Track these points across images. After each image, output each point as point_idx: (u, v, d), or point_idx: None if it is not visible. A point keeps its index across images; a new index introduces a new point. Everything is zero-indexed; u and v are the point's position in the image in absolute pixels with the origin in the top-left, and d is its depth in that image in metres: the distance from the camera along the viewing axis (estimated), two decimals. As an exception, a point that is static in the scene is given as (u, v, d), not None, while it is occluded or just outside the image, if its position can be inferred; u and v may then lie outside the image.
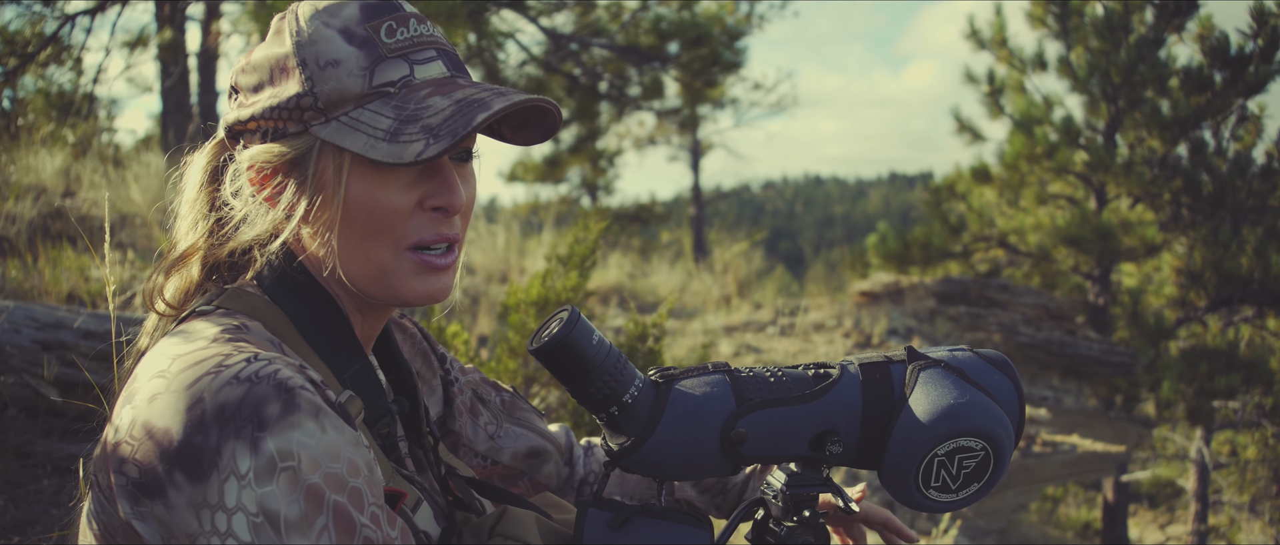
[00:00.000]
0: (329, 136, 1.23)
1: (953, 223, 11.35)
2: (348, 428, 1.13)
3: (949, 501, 1.35)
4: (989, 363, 1.40)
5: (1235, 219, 9.97)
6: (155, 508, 1.07)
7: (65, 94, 8.61)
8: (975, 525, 7.61)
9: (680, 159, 22.41)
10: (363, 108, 1.23)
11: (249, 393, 1.07)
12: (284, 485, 1.05)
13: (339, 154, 1.24)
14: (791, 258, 42.43)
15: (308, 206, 1.26)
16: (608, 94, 11.02)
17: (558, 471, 1.78)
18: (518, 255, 10.28)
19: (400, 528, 1.15)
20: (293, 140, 1.25)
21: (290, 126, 1.25)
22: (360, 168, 1.24)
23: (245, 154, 1.29)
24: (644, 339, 4.21)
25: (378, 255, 1.28)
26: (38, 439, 3.25)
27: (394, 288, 1.30)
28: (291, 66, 1.24)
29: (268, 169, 1.27)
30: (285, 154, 1.25)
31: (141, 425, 1.09)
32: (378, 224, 1.26)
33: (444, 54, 1.30)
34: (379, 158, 1.18)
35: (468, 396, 1.70)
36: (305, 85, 1.23)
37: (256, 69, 1.28)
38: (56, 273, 4.53)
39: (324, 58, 1.24)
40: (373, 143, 1.20)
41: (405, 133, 1.20)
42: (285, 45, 1.26)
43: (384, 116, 1.22)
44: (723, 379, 1.34)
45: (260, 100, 1.27)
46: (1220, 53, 9.94)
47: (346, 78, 1.23)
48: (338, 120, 1.23)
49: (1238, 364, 9.50)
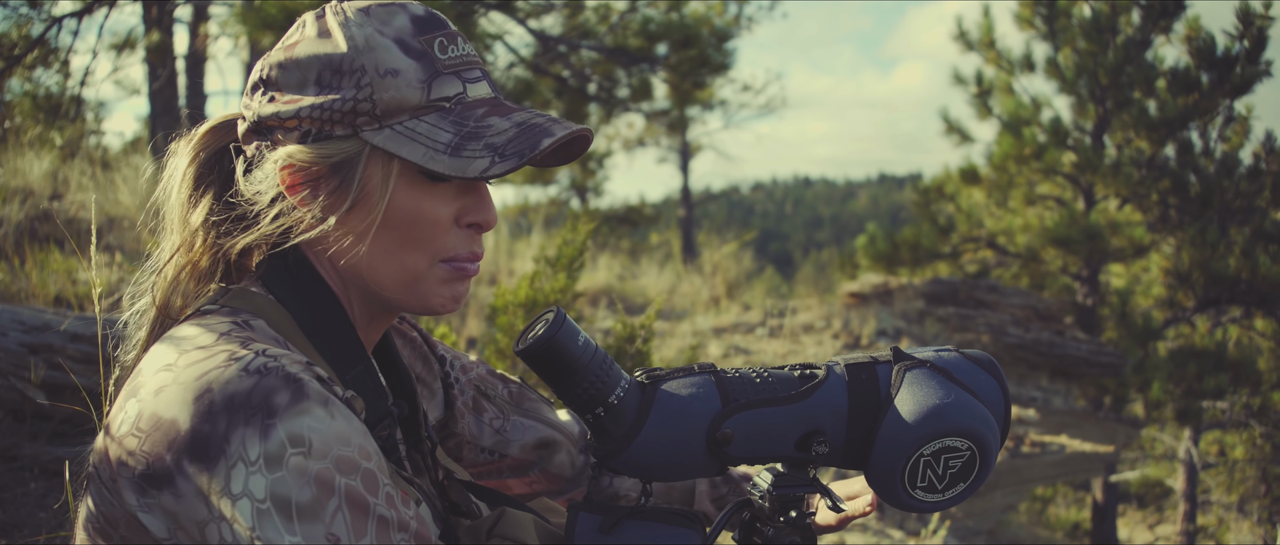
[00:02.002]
0: (382, 143, 1.23)
1: (941, 224, 11.36)
2: (355, 417, 1.14)
3: (935, 502, 1.35)
4: (974, 363, 1.40)
5: (1223, 219, 10.01)
6: (163, 497, 1.08)
7: (52, 96, 8.58)
8: (964, 526, 7.62)
9: (669, 161, 22.46)
10: (418, 119, 1.24)
11: (258, 384, 1.08)
12: (294, 471, 1.05)
13: (387, 162, 1.25)
14: (781, 259, 42.44)
15: (348, 210, 1.26)
16: (596, 96, 11.01)
17: (571, 461, 1.78)
18: (506, 257, 10.27)
19: (415, 507, 1.15)
20: (338, 143, 1.25)
21: (338, 130, 1.25)
22: (407, 178, 1.25)
23: (281, 151, 1.27)
24: (633, 340, 4.21)
25: (414, 264, 1.29)
26: (25, 442, 3.23)
27: (423, 295, 1.31)
28: (347, 69, 1.24)
29: (308, 169, 1.27)
30: (330, 156, 1.25)
31: (148, 417, 1.10)
32: (418, 234, 1.28)
33: (487, 75, 1.33)
34: (440, 169, 1.20)
35: (469, 395, 1.70)
36: (365, 91, 1.23)
37: (301, 67, 1.26)
38: (44, 275, 4.51)
39: (383, 66, 1.24)
40: (433, 155, 1.21)
41: (468, 148, 1.21)
42: (340, 47, 1.25)
43: (443, 130, 1.23)
44: (708, 380, 1.34)
45: (305, 99, 1.26)
46: (1207, 54, 9.98)
47: (406, 88, 1.24)
48: (391, 129, 1.24)
49: (1226, 364, 9.53)
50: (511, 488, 1.77)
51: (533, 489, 1.77)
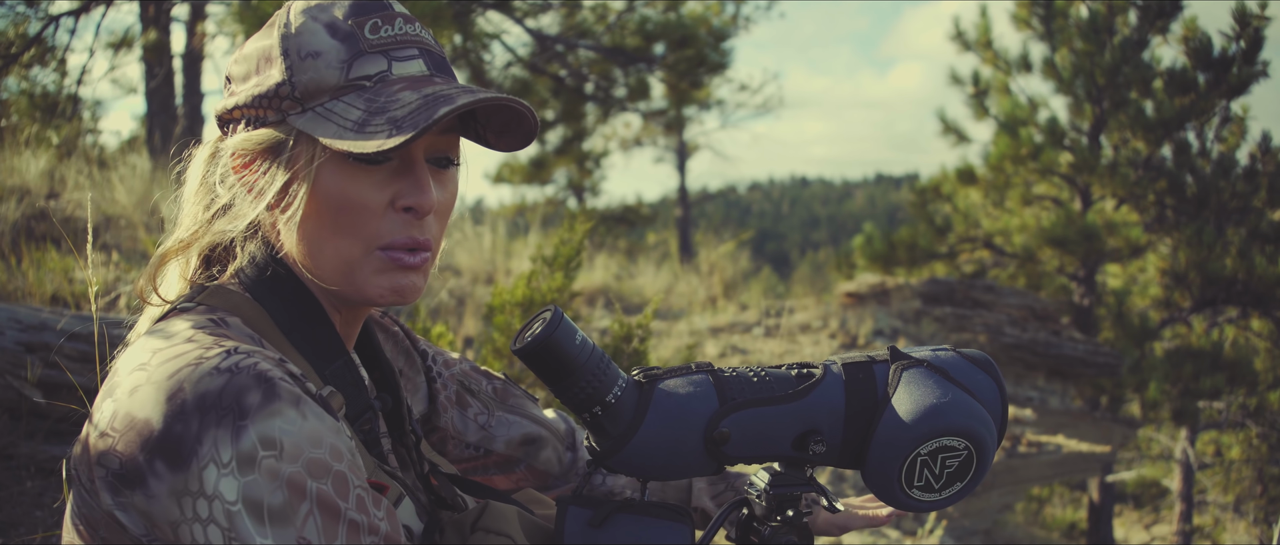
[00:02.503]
0: (303, 126, 1.24)
1: (938, 224, 11.37)
2: (329, 416, 1.13)
3: (932, 501, 1.35)
4: (971, 362, 1.40)
5: (1219, 220, 10.02)
6: (136, 497, 1.07)
7: (49, 95, 8.56)
8: (961, 525, 7.62)
9: (666, 160, 22.44)
10: (338, 99, 1.24)
11: (229, 383, 1.07)
12: (266, 473, 1.05)
13: (312, 145, 1.24)
14: (777, 259, 42.46)
15: (277, 194, 1.27)
16: (594, 95, 11.01)
17: (558, 457, 1.78)
18: (504, 256, 10.26)
19: (386, 508, 1.15)
20: (272, 128, 1.27)
21: (270, 115, 1.27)
22: (334, 161, 1.25)
23: (229, 141, 1.30)
24: (630, 340, 4.21)
25: (347, 251, 1.27)
26: (21, 441, 3.23)
27: (359, 285, 1.29)
28: (275, 56, 1.26)
29: (247, 156, 1.29)
30: (264, 141, 1.27)
31: (123, 417, 1.10)
32: (347, 220, 1.26)
33: (427, 54, 1.31)
34: (343, 147, 1.19)
35: (453, 390, 1.70)
36: (285, 74, 1.25)
37: (246, 59, 1.30)
38: (40, 274, 4.51)
39: (305, 49, 1.25)
40: (341, 133, 1.20)
41: (371, 124, 1.20)
42: (272, 36, 1.28)
43: (355, 108, 1.23)
44: (706, 379, 1.34)
45: (246, 89, 1.29)
46: (1203, 54, 9.99)
47: (325, 69, 1.24)
48: (313, 111, 1.24)
49: (1222, 364, 9.54)
50: (497, 483, 1.77)
51: (518, 485, 1.77)
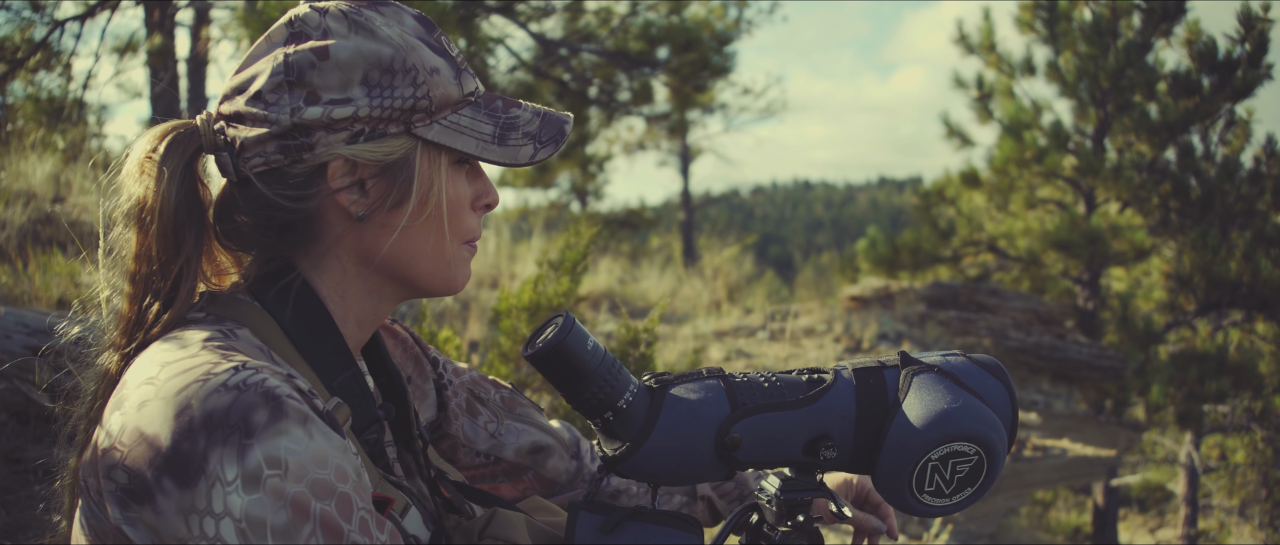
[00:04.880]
0: (435, 137, 1.28)
1: (942, 227, 11.36)
2: (335, 434, 1.13)
3: (943, 506, 1.35)
4: (982, 367, 1.40)
5: (1224, 223, 10.00)
6: (144, 513, 1.07)
7: (55, 100, 8.57)
8: (966, 529, 7.62)
9: (670, 164, 22.44)
10: (458, 113, 1.30)
11: (237, 400, 1.07)
12: (270, 493, 1.05)
13: (434, 155, 1.30)
14: (781, 262, 42.40)
15: (396, 204, 1.29)
16: (597, 99, 11.00)
17: (565, 466, 1.79)
18: (508, 261, 10.27)
19: (389, 531, 1.15)
20: (393, 140, 1.27)
21: (392, 128, 1.27)
22: (448, 169, 1.32)
23: (333, 151, 1.25)
24: (635, 344, 4.21)
25: (448, 248, 1.35)
26: (29, 445, 3.24)
27: (451, 277, 1.37)
28: (399, 68, 1.26)
29: (361, 168, 1.28)
30: (390, 153, 1.28)
31: (130, 431, 1.09)
32: (455, 220, 1.34)
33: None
34: (493, 159, 1.29)
35: (463, 397, 1.70)
36: (422, 89, 1.27)
37: (342, 67, 1.24)
38: (47, 278, 4.51)
39: (427, 64, 1.27)
40: (484, 146, 1.29)
41: (511, 138, 1.31)
42: (383, 47, 1.25)
43: (483, 122, 1.31)
44: (717, 384, 1.34)
45: (356, 99, 1.24)
46: (1208, 57, 9.97)
47: (448, 84, 1.29)
48: (439, 124, 1.29)
49: (1227, 368, 9.52)
50: (503, 492, 1.77)
51: (524, 493, 1.78)
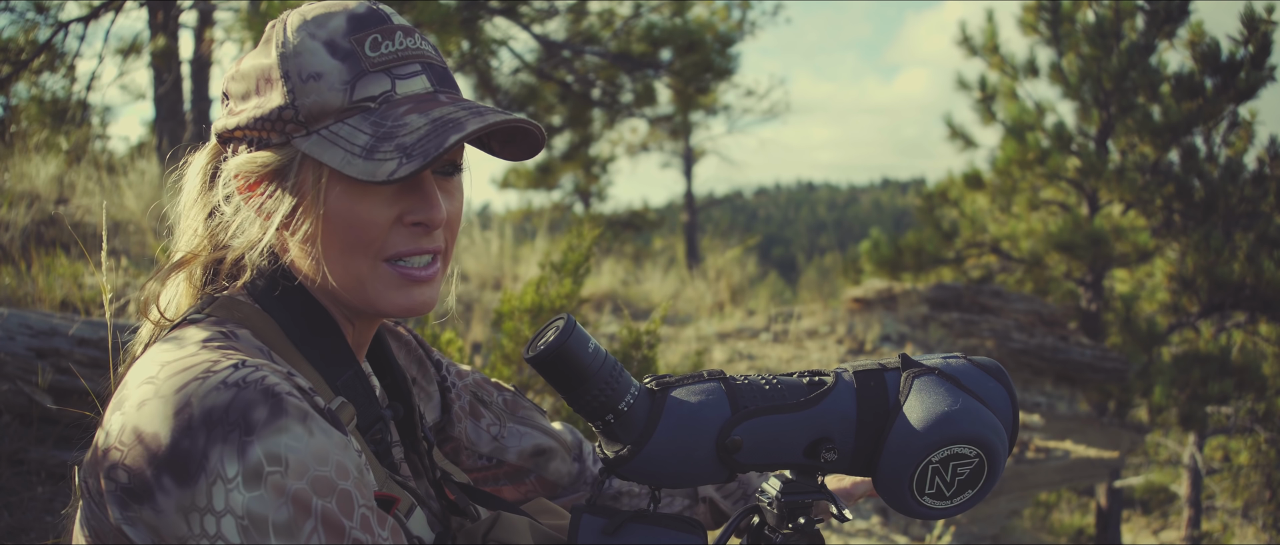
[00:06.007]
0: (309, 149, 1.24)
1: (945, 229, 11.36)
2: (336, 431, 1.13)
3: (944, 508, 1.35)
4: (983, 370, 1.40)
5: (1227, 224, 10.00)
6: (144, 512, 1.08)
7: (59, 101, 8.59)
8: (969, 531, 7.61)
9: (673, 165, 22.42)
10: (343, 122, 1.24)
11: (236, 398, 1.07)
12: (271, 490, 1.05)
13: (319, 167, 1.25)
14: (784, 264, 42.37)
15: (286, 216, 1.27)
16: (600, 101, 11.01)
17: (567, 469, 1.79)
18: (511, 262, 10.27)
19: (391, 528, 1.15)
20: (276, 151, 1.26)
21: (274, 137, 1.26)
22: (340, 181, 1.25)
23: (232, 162, 1.30)
24: (638, 346, 4.21)
25: (356, 267, 1.28)
26: (32, 446, 3.24)
27: (371, 299, 1.31)
28: (275, 78, 1.25)
29: (253, 178, 1.29)
30: (269, 164, 1.27)
31: (131, 430, 1.10)
32: (355, 237, 1.27)
33: (429, 68, 1.31)
34: (354, 174, 1.19)
35: (466, 400, 1.70)
36: (288, 98, 1.24)
37: (245, 78, 1.29)
38: (50, 280, 4.52)
39: (307, 71, 1.24)
40: (349, 159, 1.21)
41: (380, 150, 1.20)
42: (271, 56, 1.27)
43: (362, 132, 1.23)
44: (718, 387, 1.34)
45: (247, 110, 1.28)
46: (1211, 59, 9.97)
47: (328, 91, 1.24)
48: (318, 134, 1.24)
49: (1230, 369, 9.52)
50: (506, 494, 1.77)
51: (527, 495, 1.78)
